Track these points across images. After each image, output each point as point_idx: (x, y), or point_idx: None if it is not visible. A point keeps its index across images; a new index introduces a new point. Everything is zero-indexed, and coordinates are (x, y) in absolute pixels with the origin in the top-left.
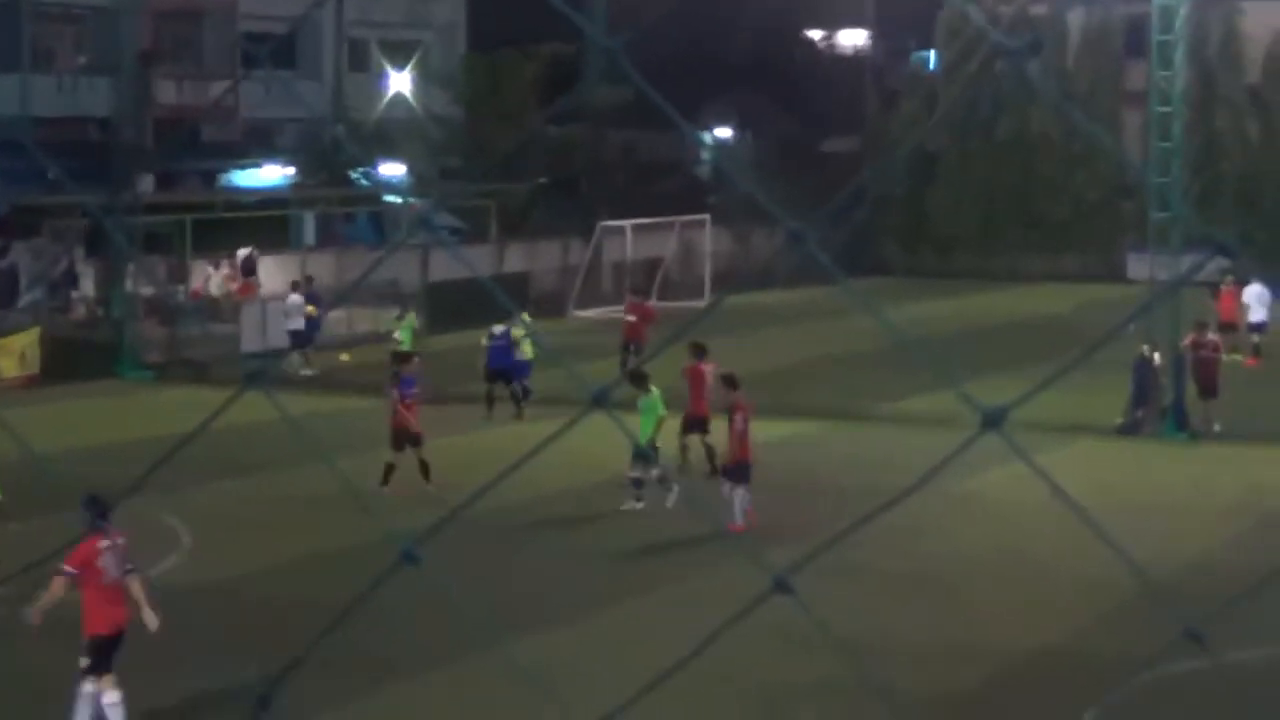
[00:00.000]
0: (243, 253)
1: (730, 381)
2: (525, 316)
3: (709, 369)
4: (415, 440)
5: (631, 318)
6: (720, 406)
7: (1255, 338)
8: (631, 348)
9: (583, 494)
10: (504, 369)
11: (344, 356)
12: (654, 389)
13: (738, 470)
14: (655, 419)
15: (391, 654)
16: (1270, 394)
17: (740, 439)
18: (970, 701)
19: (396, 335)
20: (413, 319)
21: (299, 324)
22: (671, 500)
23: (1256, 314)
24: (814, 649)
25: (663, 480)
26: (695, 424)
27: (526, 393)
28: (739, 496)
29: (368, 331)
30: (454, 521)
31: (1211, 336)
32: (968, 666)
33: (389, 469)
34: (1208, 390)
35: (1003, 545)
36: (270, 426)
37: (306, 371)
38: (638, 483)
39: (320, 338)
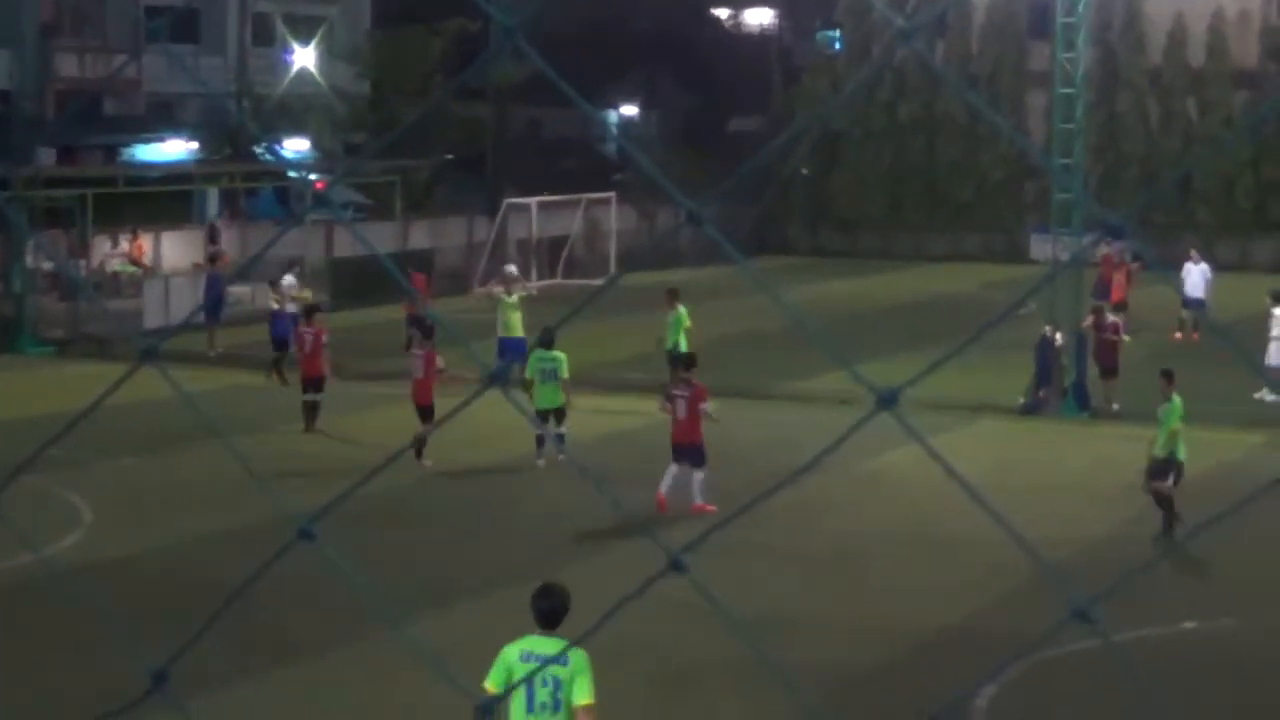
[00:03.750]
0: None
1: (688, 361)
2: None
3: (311, 332)
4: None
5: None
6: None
7: (1184, 313)
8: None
9: (484, 472)
10: (287, 338)
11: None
12: (559, 353)
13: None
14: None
15: (296, 631)
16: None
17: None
18: (872, 679)
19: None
20: (684, 315)
21: (292, 307)
22: (541, 462)
23: (1199, 291)
24: (720, 626)
25: (541, 443)
26: (310, 384)
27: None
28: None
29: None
30: (354, 500)
31: (1111, 318)
32: (870, 644)
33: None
34: (1108, 370)
35: (906, 524)
36: (174, 402)
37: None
38: (541, 440)
39: (227, 315)
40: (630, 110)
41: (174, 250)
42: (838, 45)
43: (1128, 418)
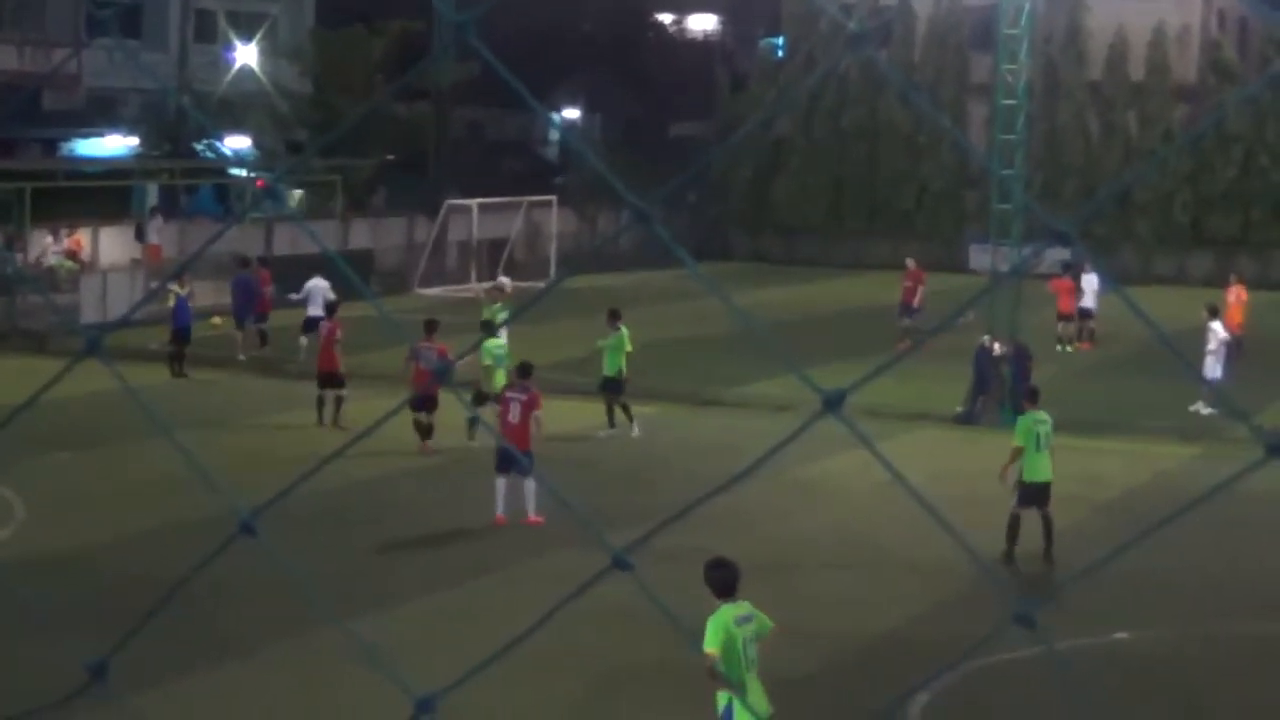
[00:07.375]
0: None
1: (524, 370)
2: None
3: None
4: None
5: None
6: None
7: (1090, 323)
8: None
9: (424, 474)
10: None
11: (215, 320)
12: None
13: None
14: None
15: (234, 629)
16: (1102, 385)
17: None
18: (806, 686)
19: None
20: (625, 338)
21: (319, 310)
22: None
23: (1088, 300)
24: (654, 631)
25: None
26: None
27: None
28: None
29: (213, 305)
30: (298, 500)
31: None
32: (804, 651)
33: None
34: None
35: (842, 531)
36: (111, 398)
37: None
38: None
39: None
40: (573, 114)
41: (112, 246)
42: (780, 53)
43: (1062, 428)
